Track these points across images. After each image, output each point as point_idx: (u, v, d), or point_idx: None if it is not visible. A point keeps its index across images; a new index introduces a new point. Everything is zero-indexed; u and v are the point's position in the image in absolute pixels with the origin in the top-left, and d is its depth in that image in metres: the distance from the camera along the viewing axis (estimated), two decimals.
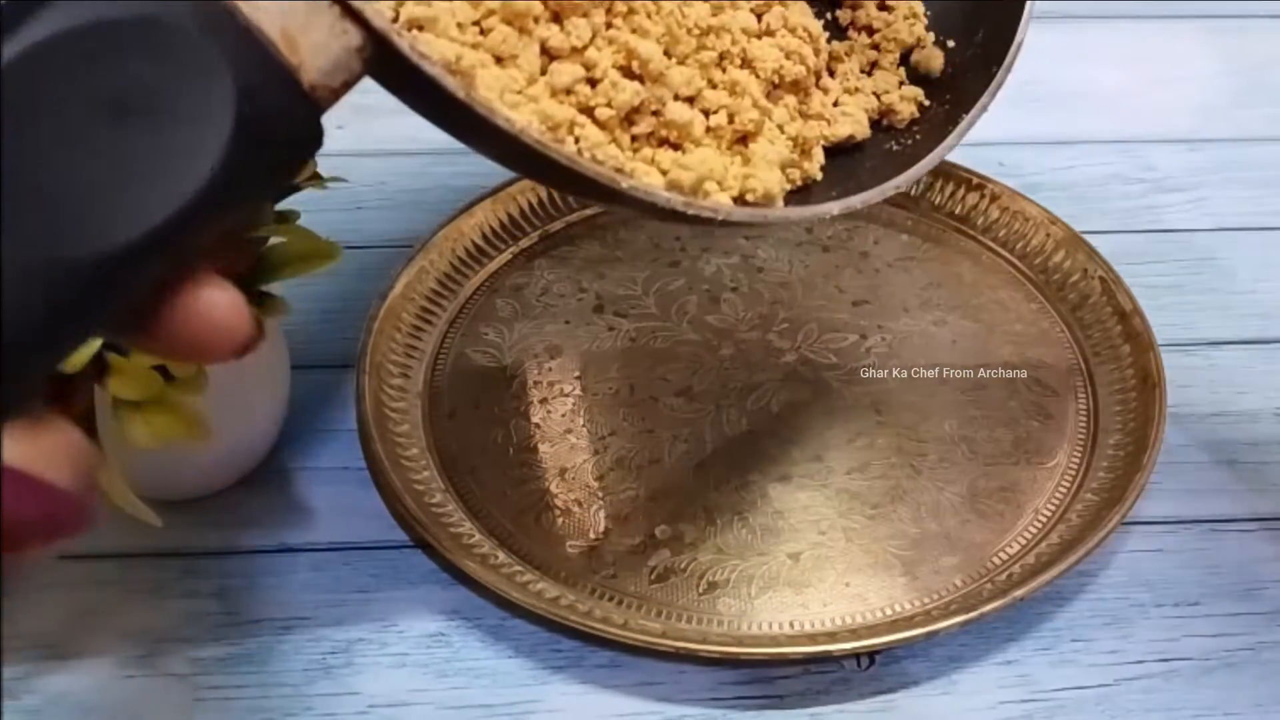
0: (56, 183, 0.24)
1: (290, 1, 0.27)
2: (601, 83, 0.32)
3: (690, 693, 0.39)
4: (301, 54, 0.27)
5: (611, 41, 0.33)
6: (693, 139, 0.33)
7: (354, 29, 0.28)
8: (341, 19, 0.27)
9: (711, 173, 0.33)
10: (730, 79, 0.35)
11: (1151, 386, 0.46)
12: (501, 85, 0.30)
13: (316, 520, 0.44)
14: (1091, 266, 0.52)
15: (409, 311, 0.50)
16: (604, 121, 0.32)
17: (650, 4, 0.33)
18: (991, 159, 0.58)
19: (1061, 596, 0.42)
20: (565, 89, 0.32)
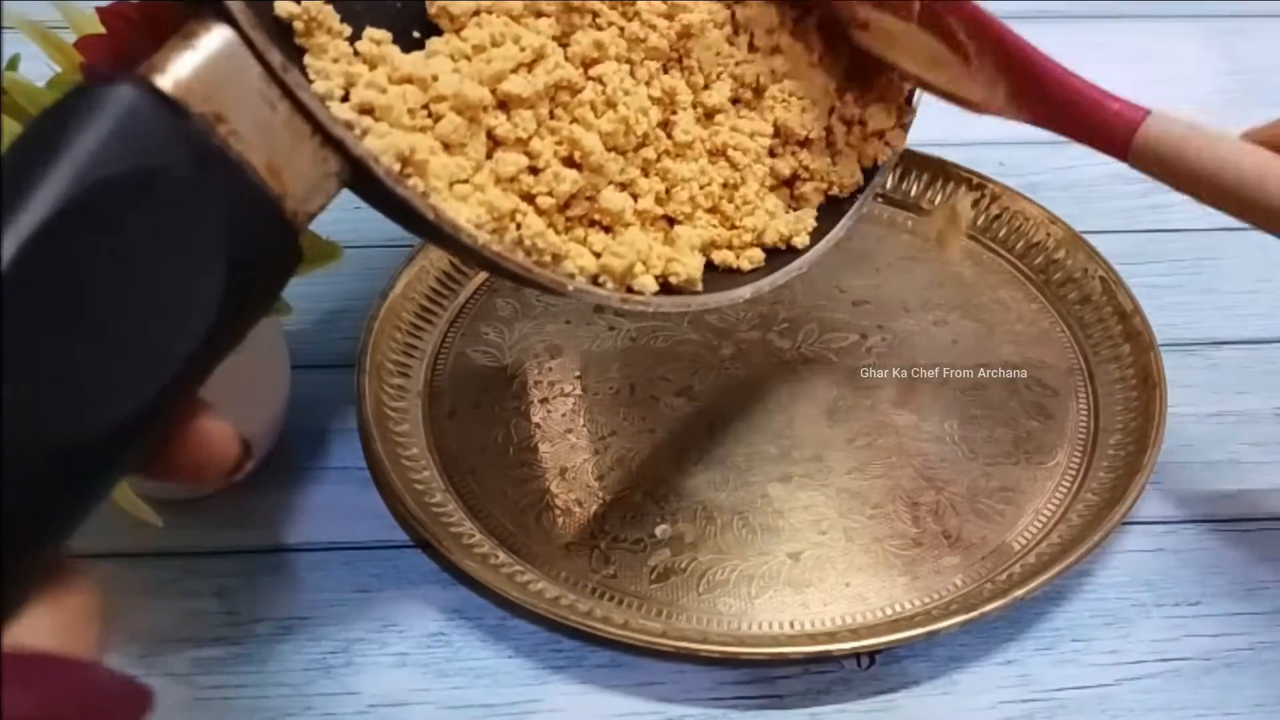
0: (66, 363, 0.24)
1: (274, 132, 0.28)
2: (544, 172, 0.34)
3: (690, 693, 0.39)
4: (285, 183, 0.28)
5: (554, 131, 0.35)
6: (623, 223, 0.36)
7: (334, 156, 0.29)
8: (322, 147, 0.29)
9: (639, 255, 0.35)
10: (664, 168, 0.37)
11: (1152, 386, 0.46)
12: (450, 174, 0.32)
13: (316, 520, 0.44)
14: (1092, 266, 0.52)
15: (409, 311, 0.50)
16: (544, 209, 0.34)
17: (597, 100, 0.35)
18: (992, 159, 0.58)
19: (1062, 596, 0.42)
20: (509, 177, 0.34)
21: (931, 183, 0.56)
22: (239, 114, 0.27)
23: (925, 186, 0.56)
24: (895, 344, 0.50)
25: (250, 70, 0.28)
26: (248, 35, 0.28)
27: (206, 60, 0.27)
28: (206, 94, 0.27)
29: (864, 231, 0.55)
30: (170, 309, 0.26)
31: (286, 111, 0.28)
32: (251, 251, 0.28)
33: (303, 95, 0.28)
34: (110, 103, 0.26)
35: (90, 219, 0.25)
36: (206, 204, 0.27)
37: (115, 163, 0.25)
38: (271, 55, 0.28)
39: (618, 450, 0.46)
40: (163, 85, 0.27)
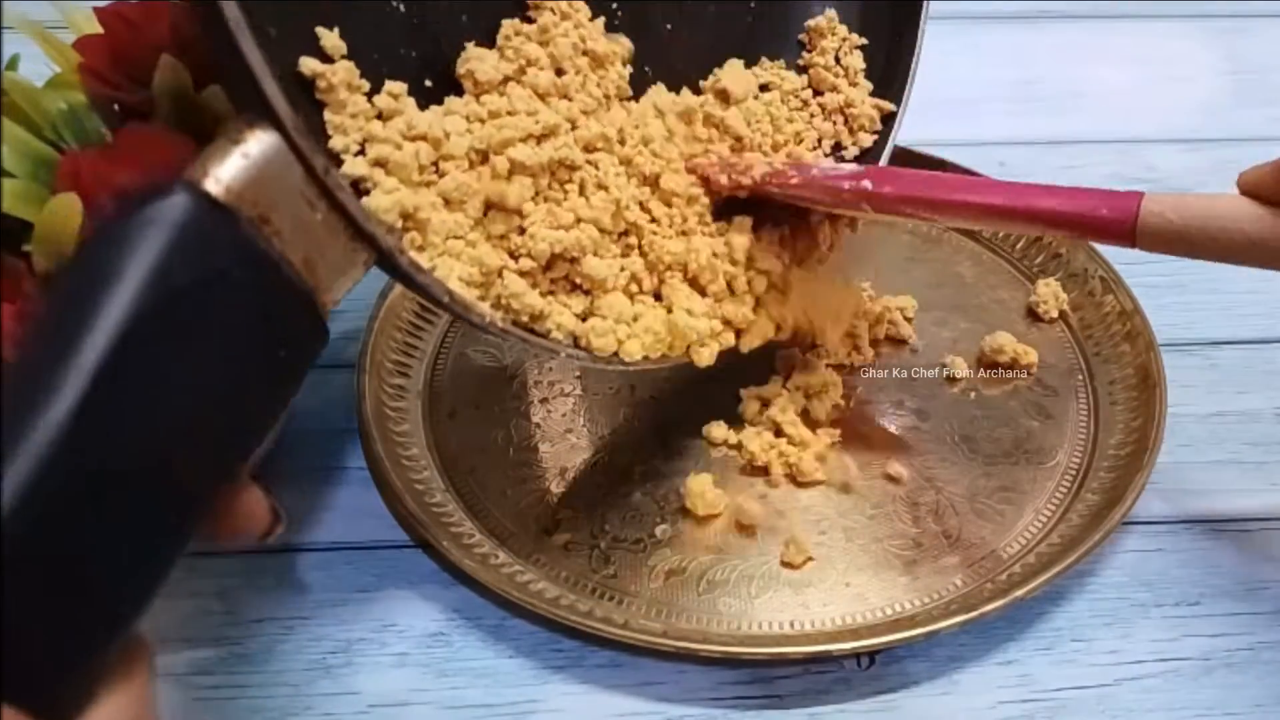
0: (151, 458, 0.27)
1: (312, 229, 0.31)
2: (532, 235, 0.37)
3: (690, 693, 0.39)
4: (319, 277, 0.31)
5: (548, 200, 0.38)
6: (604, 290, 0.39)
7: (364, 249, 0.32)
8: (353, 240, 0.32)
9: (620, 318, 0.39)
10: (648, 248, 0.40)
11: (1152, 386, 0.46)
12: (448, 230, 0.35)
13: (316, 520, 0.44)
14: (1092, 266, 0.52)
15: (409, 311, 0.50)
16: (526, 270, 0.37)
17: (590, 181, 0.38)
18: (992, 159, 0.58)
19: (1062, 596, 0.42)
20: (500, 235, 0.37)
21: None
22: (281, 214, 0.30)
23: None
24: (895, 344, 0.50)
25: (293, 172, 0.30)
26: (296, 142, 0.30)
27: (255, 166, 0.29)
28: (254, 198, 0.29)
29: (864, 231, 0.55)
30: (229, 401, 0.29)
31: (325, 209, 0.31)
32: (291, 341, 0.30)
33: (343, 196, 0.31)
34: (170, 215, 0.28)
35: (162, 326, 0.27)
36: (255, 303, 0.29)
37: (180, 273, 0.27)
38: (316, 160, 0.30)
39: (618, 450, 0.46)
40: (214, 191, 0.29)
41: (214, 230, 0.28)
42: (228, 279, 0.28)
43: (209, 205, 0.28)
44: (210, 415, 0.28)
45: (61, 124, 0.42)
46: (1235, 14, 0.72)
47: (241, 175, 0.29)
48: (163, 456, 0.27)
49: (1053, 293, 0.51)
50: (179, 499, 0.28)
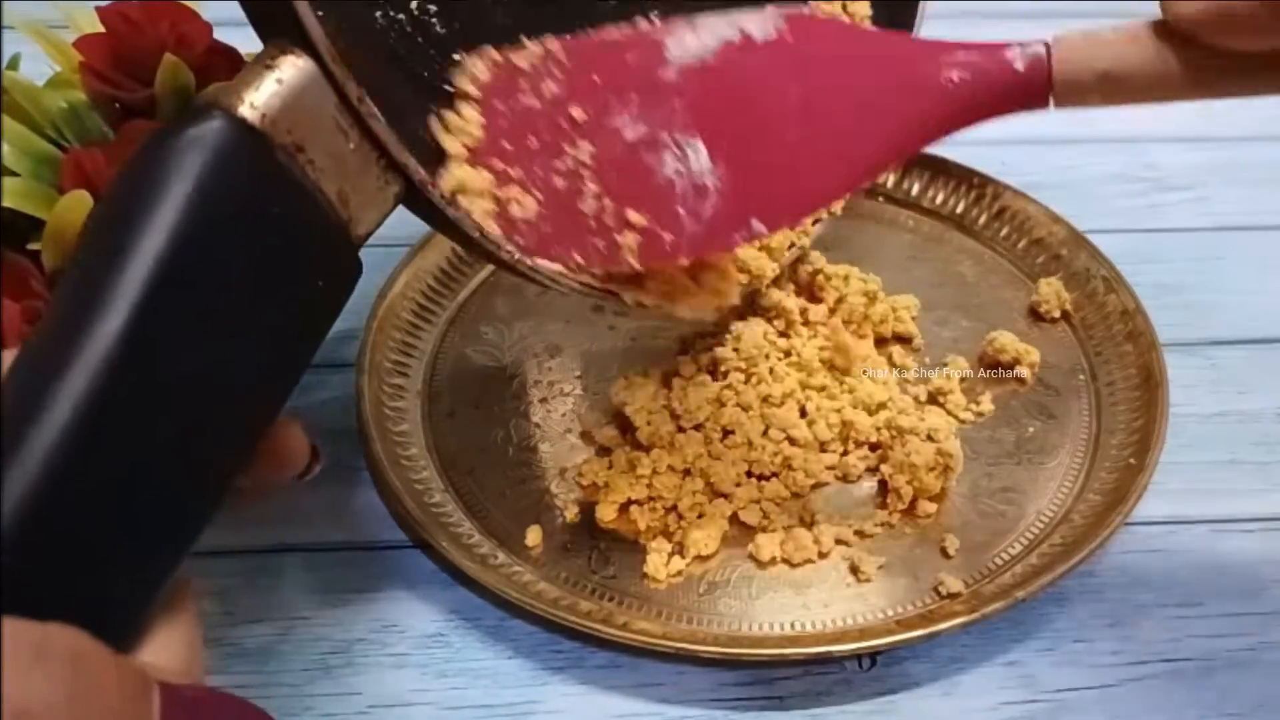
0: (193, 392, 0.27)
1: (346, 160, 0.30)
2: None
3: (690, 693, 0.39)
4: (352, 209, 0.30)
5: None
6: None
7: (396, 180, 0.32)
8: (386, 171, 0.31)
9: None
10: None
11: (1154, 386, 0.46)
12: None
13: (316, 520, 0.44)
14: (1094, 266, 0.52)
15: (408, 311, 0.50)
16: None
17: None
18: (993, 158, 0.58)
19: (1064, 597, 0.42)
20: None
21: (932, 181, 0.56)
22: (315, 144, 0.29)
23: (925, 186, 0.56)
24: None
25: (328, 101, 0.30)
26: (330, 68, 0.29)
27: (290, 92, 0.29)
28: (289, 125, 0.29)
29: (864, 231, 0.55)
30: (270, 335, 0.28)
31: (358, 139, 0.30)
32: (327, 274, 0.30)
33: (376, 125, 0.30)
34: (207, 139, 0.27)
35: (203, 250, 0.27)
36: (293, 233, 0.29)
37: (219, 198, 0.27)
38: (350, 87, 0.29)
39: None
40: (249, 117, 0.28)
41: (251, 156, 0.28)
42: (265, 206, 0.28)
43: (245, 130, 0.28)
44: (253, 346, 0.28)
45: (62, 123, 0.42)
46: None
47: (276, 101, 0.29)
48: (208, 388, 0.27)
49: (1055, 292, 0.51)
50: (224, 433, 0.28)
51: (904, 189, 0.56)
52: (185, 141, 0.27)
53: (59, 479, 0.25)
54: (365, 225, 0.31)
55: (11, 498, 0.24)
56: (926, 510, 0.44)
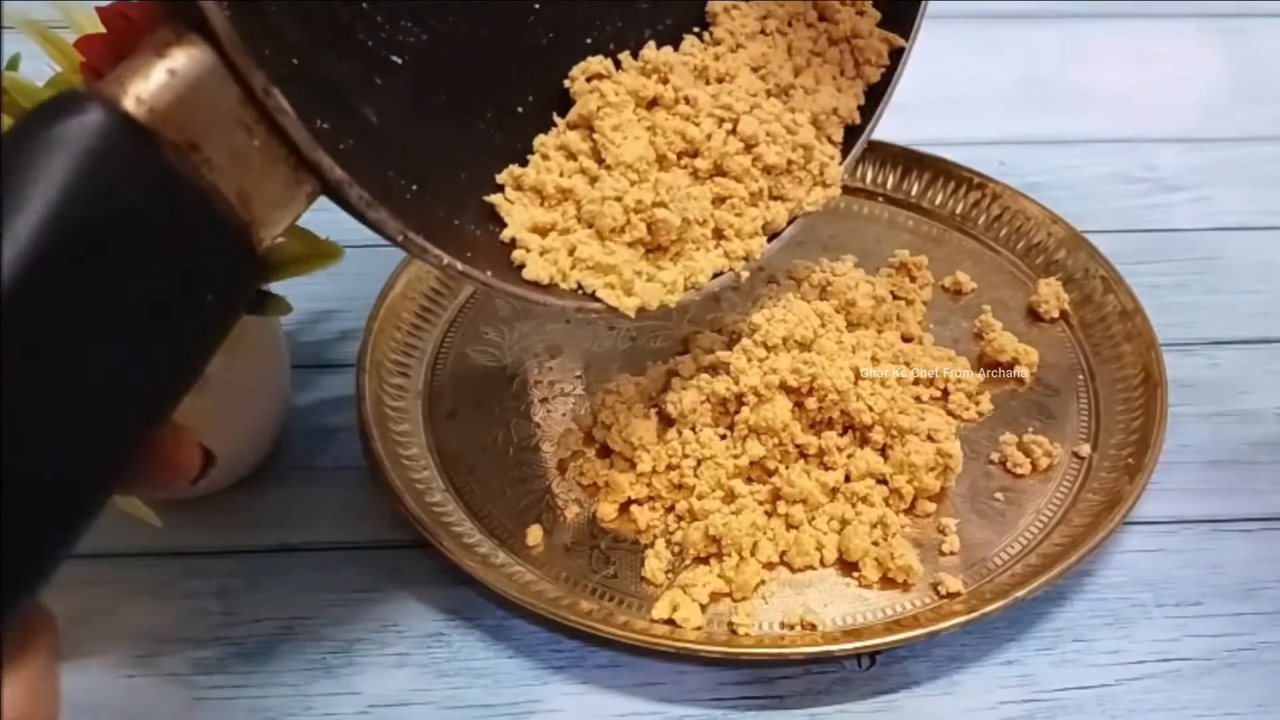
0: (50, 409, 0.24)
1: (248, 158, 0.27)
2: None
3: (691, 693, 0.39)
4: (254, 211, 0.27)
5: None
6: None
7: (308, 178, 0.28)
8: (297, 170, 0.28)
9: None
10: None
11: (1153, 386, 0.46)
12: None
13: (317, 520, 0.44)
14: (1093, 266, 0.52)
15: (409, 311, 0.50)
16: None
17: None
18: (993, 158, 0.58)
19: (1063, 596, 0.42)
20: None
21: (932, 182, 0.56)
22: (212, 141, 0.26)
23: (926, 186, 0.56)
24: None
25: (228, 93, 0.26)
26: (230, 57, 0.26)
27: (184, 85, 0.25)
28: (181, 122, 0.25)
29: (864, 231, 0.55)
30: (142, 346, 0.25)
31: (264, 135, 0.27)
32: (219, 279, 0.27)
33: (285, 121, 0.27)
34: (80, 137, 0.24)
35: (64, 266, 0.24)
36: (179, 241, 0.26)
37: (85, 204, 0.24)
38: (254, 77, 0.26)
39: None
40: (134, 112, 0.25)
41: (131, 157, 0.25)
42: (145, 213, 0.25)
43: (127, 128, 0.25)
44: (128, 363, 0.25)
45: None
46: (1236, 14, 0.72)
47: (167, 95, 0.25)
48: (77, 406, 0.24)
49: (1054, 293, 0.51)
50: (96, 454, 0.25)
51: (904, 190, 0.56)
52: (54, 138, 0.24)
53: None
54: (271, 226, 0.28)
55: None
56: (926, 510, 0.44)
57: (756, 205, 0.40)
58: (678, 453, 0.43)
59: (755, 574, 0.41)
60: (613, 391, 0.45)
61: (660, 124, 0.40)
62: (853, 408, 0.44)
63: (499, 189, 0.38)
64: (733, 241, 0.40)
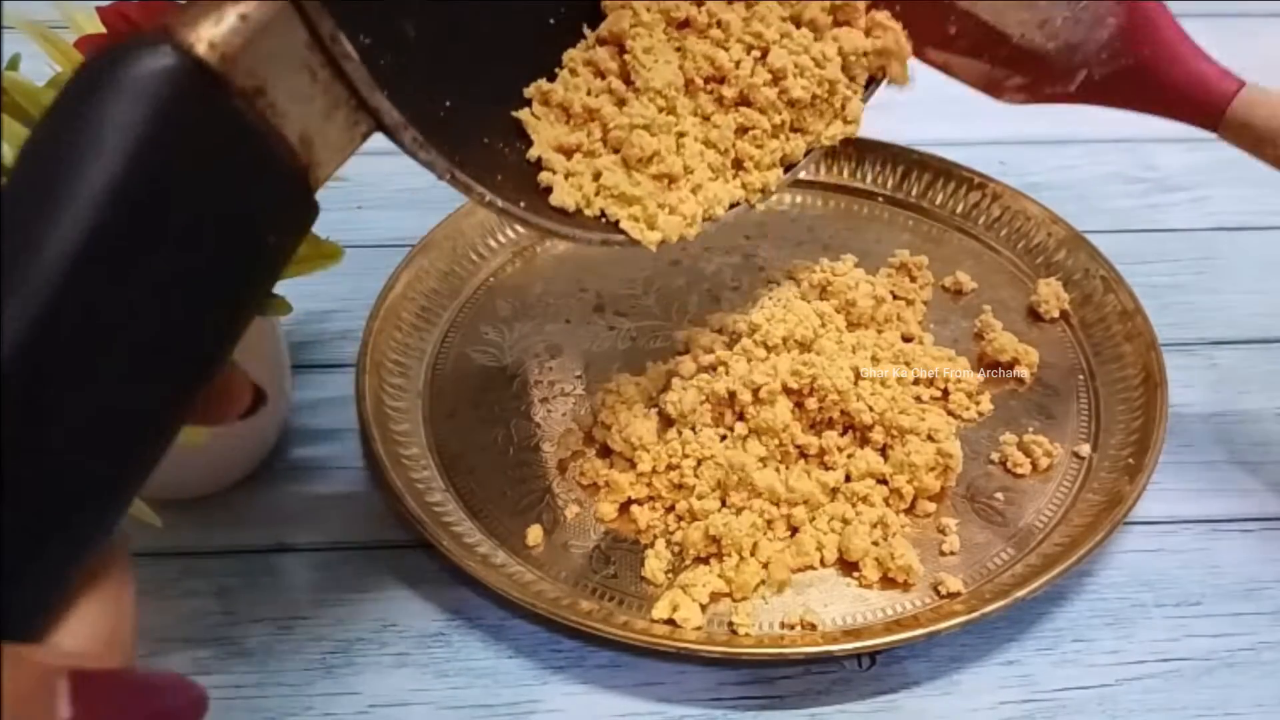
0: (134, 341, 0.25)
1: (312, 102, 0.27)
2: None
3: (691, 693, 0.39)
4: (315, 153, 0.28)
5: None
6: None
7: (365, 119, 0.29)
8: (356, 111, 0.29)
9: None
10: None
11: (1153, 386, 0.46)
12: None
13: (316, 520, 0.44)
14: (1093, 266, 0.52)
15: (409, 311, 0.50)
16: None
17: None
18: (993, 158, 0.58)
19: (1063, 596, 0.42)
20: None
21: (933, 183, 0.56)
22: (278, 86, 0.27)
23: (926, 187, 0.56)
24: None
25: (296, 37, 0.27)
26: (302, 4, 0.26)
27: (255, 30, 0.26)
28: (250, 67, 0.26)
29: (864, 231, 0.55)
30: (211, 285, 0.26)
31: (326, 79, 0.27)
32: (279, 221, 0.27)
33: (349, 66, 0.27)
34: (156, 80, 0.24)
35: (139, 208, 0.24)
36: (244, 184, 0.26)
37: (160, 149, 0.24)
38: (324, 24, 0.27)
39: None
40: (206, 56, 0.25)
41: (204, 102, 0.25)
42: (216, 158, 0.25)
43: (200, 73, 0.25)
44: (196, 303, 0.26)
45: None
46: (1240, 14, 0.72)
47: (237, 40, 0.25)
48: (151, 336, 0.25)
49: (1054, 292, 0.51)
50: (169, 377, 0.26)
51: (904, 190, 0.56)
52: (133, 79, 0.24)
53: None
54: (328, 168, 0.28)
55: None
56: (926, 510, 0.44)
57: (777, 137, 0.41)
58: (678, 453, 0.43)
59: (755, 574, 0.41)
60: (613, 391, 0.45)
61: (690, 48, 0.40)
62: (853, 408, 0.44)
63: (527, 103, 0.38)
64: (751, 174, 0.40)
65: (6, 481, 0.23)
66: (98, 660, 0.24)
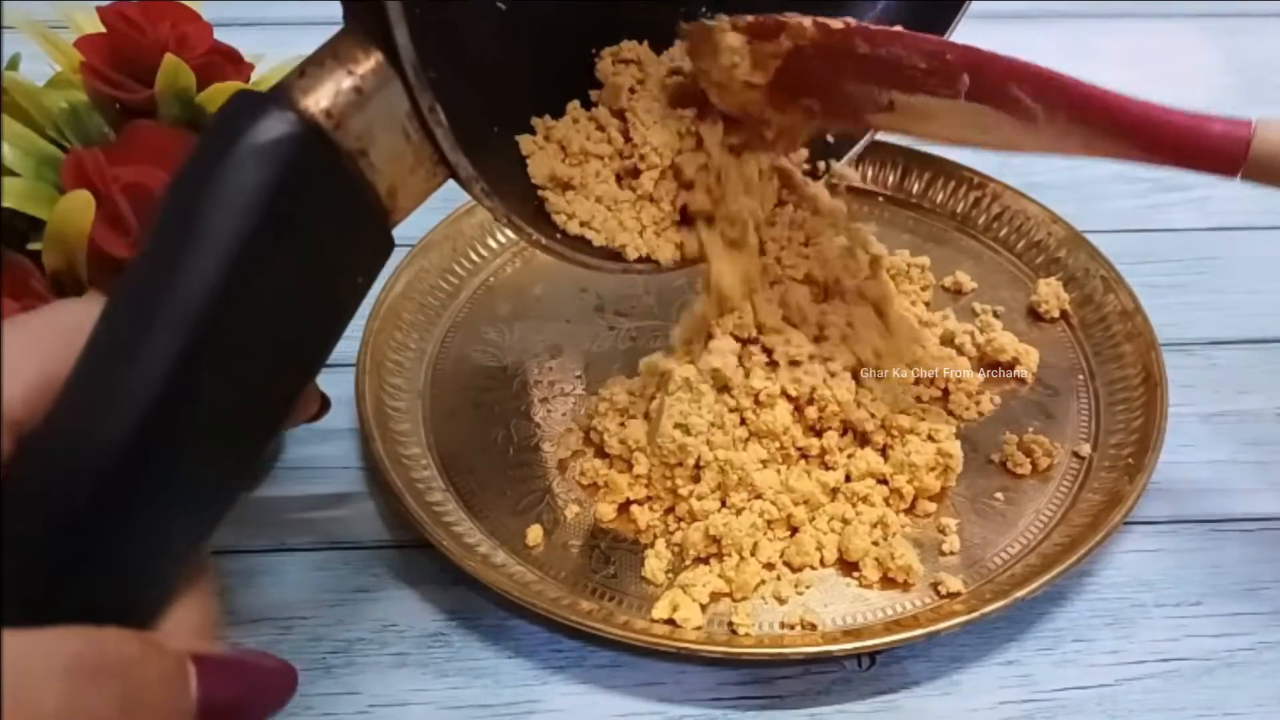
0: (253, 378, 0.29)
1: (403, 160, 0.31)
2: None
3: (691, 693, 0.39)
4: (398, 202, 0.31)
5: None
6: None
7: (442, 172, 0.32)
8: (437, 165, 0.32)
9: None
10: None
11: (1153, 386, 0.46)
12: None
13: (317, 520, 0.44)
14: (1093, 266, 0.52)
15: (409, 311, 0.50)
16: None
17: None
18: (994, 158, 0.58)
19: (1063, 596, 0.42)
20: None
21: (933, 182, 0.56)
22: (379, 148, 0.30)
23: (926, 186, 0.56)
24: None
25: (400, 107, 0.30)
26: (410, 81, 0.30)
27: (368, 102, 0.29)
28: (359, 132, 0.29)
29: None
30: (313, 317, 0.30)
31: (418, 140, 0.31)
32: (365, 262, 0.31)
33: (439, 132, 0.31)
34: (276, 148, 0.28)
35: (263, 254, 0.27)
36: (342, 232, 0.30)
37: (282, 207, 0.27)
38: (424, 97, 0.30)
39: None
40: (323, 124, 0.29)
41: (318, 162, 0.28)
42: (323, 210, 0.29)
43: (316, 139, 0.28)
44: (300, 339, 0.29)
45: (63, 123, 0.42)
46: (1236, 13, 0.72)
47: (352, 111, 0.29)
48: (267, 366, 0.28)
49: (1054, 292, 0.51)
50: (277, 399, 0.29)
51: (904, 189, 0.56)
52: (258, 145, 0.27)
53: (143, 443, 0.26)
54: (405, 214, 0.32)
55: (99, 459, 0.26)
56: (926, 510, 0.44)
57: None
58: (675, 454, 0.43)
59: (755, 574, 0.41)
60: (606, 399, 0.45)
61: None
62: (855, 417, 0.44)
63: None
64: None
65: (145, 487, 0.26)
66: (198, 639, 0.27)
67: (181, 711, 0.25)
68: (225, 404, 0.27)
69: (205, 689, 0.25)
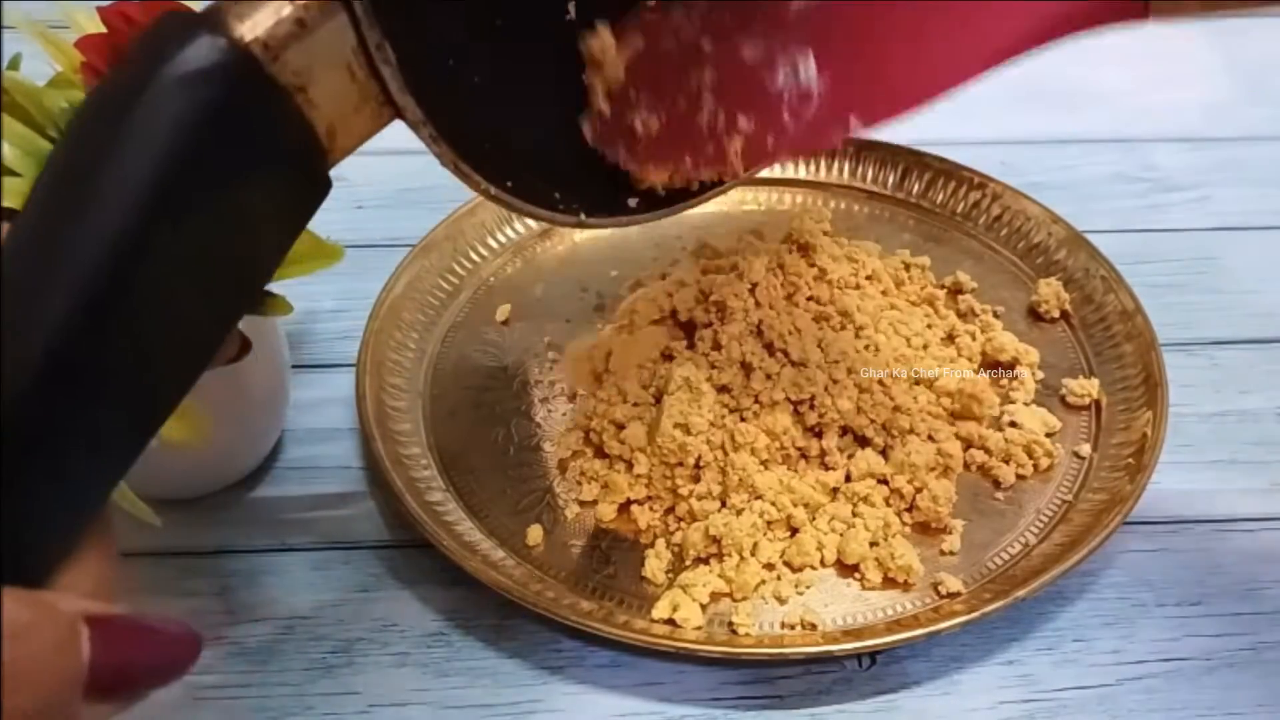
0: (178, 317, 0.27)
1: (346, 99, 0.29)
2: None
3: (691, 693, 0.39)
4: (337, 142, 0.29)
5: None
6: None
7: (387, 112, 0.30)
8: (382, 105, 0.30)
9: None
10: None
11: (1153, 386, 0.46)
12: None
13: (317, 520, 0.44)
14: (1093, 266, 0.52)
15: (409, 311, 0.50)
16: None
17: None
18: (994, 158, 0.58)
19: (1063, 596, 0.42)
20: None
21: (933, 182, 0.56)
22: (319, 85, 0.28)
23: (926, 186, 0.56)
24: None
25: (345, 43, 0.28)
26: (357, 14, 0.28)
27: (310, 35, 0.27)
28: (298, 68, 0.27)
29: (864, 231, 0.55)
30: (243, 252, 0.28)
31: (363, 78, 0.29)
32: (297, 200, 0.29)
33: (386, 70, 0.29)
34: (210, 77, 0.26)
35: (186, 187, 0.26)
36: (274, 168, 0.28)
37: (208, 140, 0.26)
38: (372, 34, 0.28)
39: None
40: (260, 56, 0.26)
41: (249, 94, 0.27)
42: (252, 147, 0.27)
43: (251, 69, 0.26)
44: (221, 287, 0.28)
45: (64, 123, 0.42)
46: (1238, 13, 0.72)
47: (291, 41, 0.27)
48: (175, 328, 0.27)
49: (1054, 292, 0.51)
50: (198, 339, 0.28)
51: (904, 189, 0.56)
52: (184, 73, 0.25)
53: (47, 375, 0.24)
54: (343, 153, 0.30)
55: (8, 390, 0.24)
56: (926, 510, 0.44)
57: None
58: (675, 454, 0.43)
59: (755, 574, 0.41)
60: (603, 401, 0.45)
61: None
62: (855, 423, 0.44)
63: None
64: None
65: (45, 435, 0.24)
66: (99, 607, 0.25)
67: (70, 676, 0.23)
68: (136, 353, 0.26)
69: (98, 653, 0.24)
